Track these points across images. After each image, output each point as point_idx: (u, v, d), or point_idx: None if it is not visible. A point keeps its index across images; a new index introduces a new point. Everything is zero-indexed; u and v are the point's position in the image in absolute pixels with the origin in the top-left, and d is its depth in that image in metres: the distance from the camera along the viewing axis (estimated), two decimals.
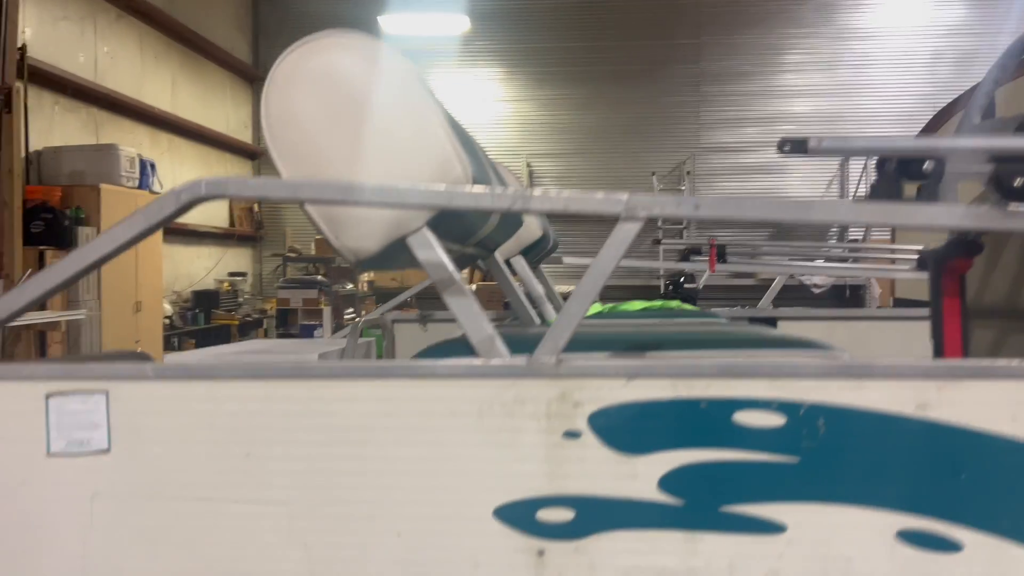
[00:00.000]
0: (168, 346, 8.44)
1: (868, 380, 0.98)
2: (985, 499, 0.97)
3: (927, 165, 0.93)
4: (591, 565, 1.00)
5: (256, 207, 11.38)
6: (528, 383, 1.03)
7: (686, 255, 3.26)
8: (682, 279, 11.41)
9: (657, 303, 2.57)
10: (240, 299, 10.36)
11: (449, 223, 1.27)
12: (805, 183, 11.54)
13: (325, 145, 1.14)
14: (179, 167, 9.40)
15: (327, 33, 1.22)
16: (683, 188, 11.41)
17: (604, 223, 1.05)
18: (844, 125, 11.35)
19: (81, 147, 7.18)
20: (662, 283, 10.52)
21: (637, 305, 2.51)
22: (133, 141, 8.42)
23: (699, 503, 0.99)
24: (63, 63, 7.15)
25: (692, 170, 11.40)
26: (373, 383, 1.04)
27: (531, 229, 2.31)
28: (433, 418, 1.04)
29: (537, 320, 2.18)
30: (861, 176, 11.19)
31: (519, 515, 1.02)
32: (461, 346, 1.25)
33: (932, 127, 8.62)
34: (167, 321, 8.52)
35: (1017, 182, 0.88)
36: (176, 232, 9.08)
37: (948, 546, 0.97)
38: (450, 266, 1.15)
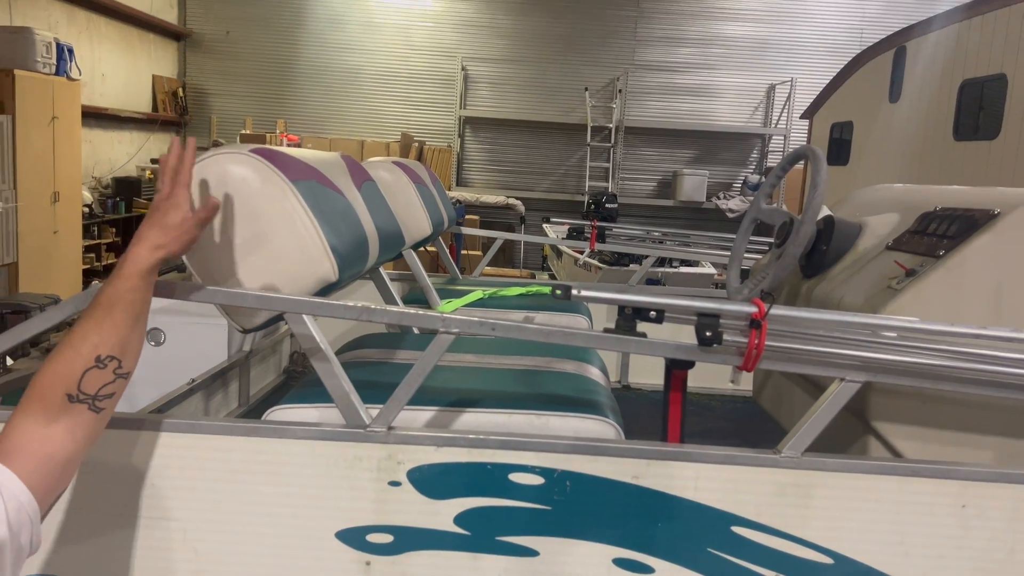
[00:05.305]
0: (87, 235, 8.44)
1: (601, 456, 1.41)
2: (672, 540, 1.43)
3: (652, 314, 1.32)
4: (403, 574, 1.44)
5: (180, 92, 11.09)
6: (366, 445, 1.42)
7: (571, 233, 3.67)
8: (603, 198, 11.80)
9: (534, 288, 2.95)
10: None
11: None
12: (731, 109, 11.89)
13: (219, 241, 1.45)
14: (99, 48, 9.07)
15: (226, 148, 1.50)
16: (614, 105, 11.62)
17: None
18: (773, 52, 11.64)
19: None
20: (585, 200, 10.94)
21: (515, 291, 2.88)
22: (48, 20, 8.09)
23: (481, 534, 1.42)
24: None
25: (624, 88, 11.56)
26: (246, 439, 1.41)
27: (422, 227, 2.67)
28: (296, 466, 1.43)
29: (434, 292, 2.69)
30: (785, 105, 11.63)
31: (354, 537, 1.43)
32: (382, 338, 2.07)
33: (842, 77, 8.94)
34: (86, 209, 8.45)
35: (705, 335, 1.30)
36: (95, 116, 8.87)
37: (646, 569, 1.44)
38: (318, 337, 1.49)
